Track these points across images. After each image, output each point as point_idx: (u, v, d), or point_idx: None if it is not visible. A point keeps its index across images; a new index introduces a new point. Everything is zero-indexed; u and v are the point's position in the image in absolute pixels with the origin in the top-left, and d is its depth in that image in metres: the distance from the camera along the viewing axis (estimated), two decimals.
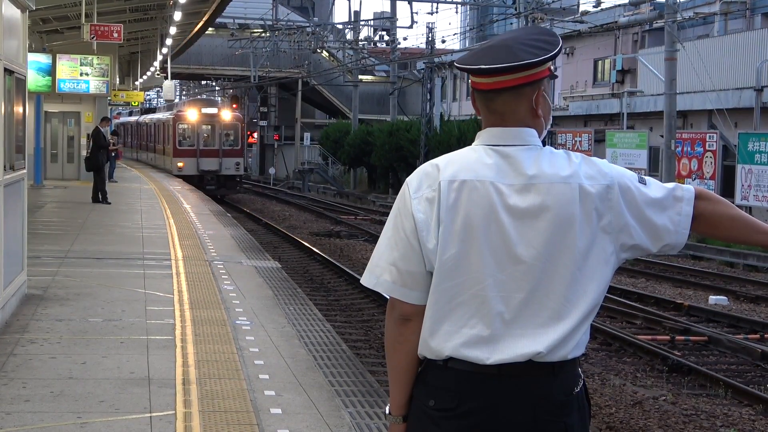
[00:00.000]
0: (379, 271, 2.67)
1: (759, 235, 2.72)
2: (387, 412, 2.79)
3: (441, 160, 2.67)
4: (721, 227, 2.73)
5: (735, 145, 26.10)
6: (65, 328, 8.78)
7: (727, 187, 26.42)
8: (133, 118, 62.09)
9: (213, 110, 40.40)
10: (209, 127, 39.98)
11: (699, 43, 31.39)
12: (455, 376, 2.60)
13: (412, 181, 2.67)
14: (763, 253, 21.32)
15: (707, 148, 27.47)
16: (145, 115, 55.54)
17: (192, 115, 39.72)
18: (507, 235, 2.57)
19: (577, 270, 2.58)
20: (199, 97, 61.94)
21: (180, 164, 39.10)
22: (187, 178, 37.59)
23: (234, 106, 45.28)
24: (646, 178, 2.72)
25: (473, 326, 2.58)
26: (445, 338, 2.61)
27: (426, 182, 2.63)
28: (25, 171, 10.58)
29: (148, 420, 6.07)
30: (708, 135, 27.93)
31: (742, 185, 25.24)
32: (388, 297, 2.72)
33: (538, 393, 2.58)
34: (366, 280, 2.71)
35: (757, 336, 13.80)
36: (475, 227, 2.57)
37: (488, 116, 2.68)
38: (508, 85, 2.62)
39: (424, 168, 2.68)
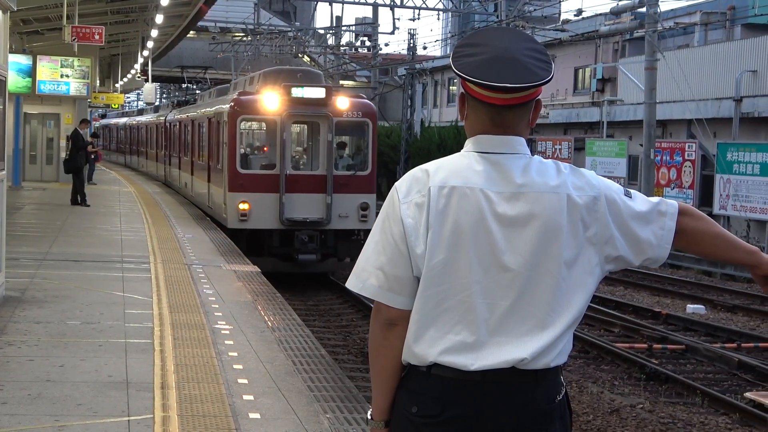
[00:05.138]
0: (366, 275, 2.66)
1: (740, 253, 2.75)
2: (369, 416, 2.79)
3: (431, 166, 2.66)
4: (703, 244, 2.75)
5: (714, 155, 26.22)
6: (43, 331, 8.73)
7: (706, 197, 26.56)
8: (159, 116, 37.15)
9: (317, 92, 18.88)
10: (306, 126, 20.15)
11: (679, 53, 31.54)
12: (439, 382, 2.60)
13: (401, 185, 2.66)
14: None
15: (686, 157, 27.60)
16: (178, 110, 31.73)
17: (271, 101, 18.68)
18: (495, 243, 2.57)
19: (562, 279, 2.60)
20: (287, 67, 26.76)
21: (244, 205, 18.58)
22: (255, 236, 18.66)
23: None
24: (632, 191, 2.74)
25: (458, 332, 2.58)
26: (430, 344, 2.60)
27: (416, 187, 2.63)
28: (4, 172, 10.52)
29: (126, 424, 6.04)
30: (687, 144, 28.05)
31: (721, 195, 25.36)
32: (372, 302, 2.72)
33: (521, 400, 2.59)
34: (352, 283, 2.70)
35: (734, 345, 13.88)
36: (464, 234, 2.57)
37: (491, 128, 2.65)
38: (524, 100, 2.62)
39: (414, 173, 2.67)
